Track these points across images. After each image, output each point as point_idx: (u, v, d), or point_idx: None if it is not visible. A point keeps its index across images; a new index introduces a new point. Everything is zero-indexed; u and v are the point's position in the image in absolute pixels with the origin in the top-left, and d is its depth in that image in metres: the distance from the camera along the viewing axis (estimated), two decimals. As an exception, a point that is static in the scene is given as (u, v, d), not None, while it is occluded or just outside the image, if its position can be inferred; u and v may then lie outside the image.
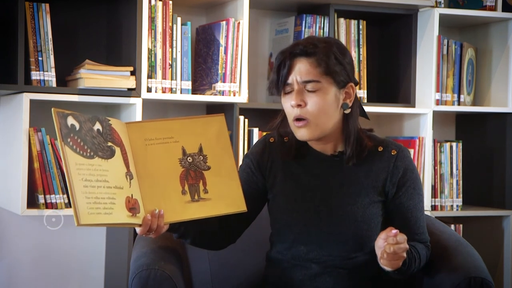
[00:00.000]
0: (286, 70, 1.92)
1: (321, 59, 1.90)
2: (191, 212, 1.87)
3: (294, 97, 1.92)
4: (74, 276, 3.16)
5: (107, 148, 1.78)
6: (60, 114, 1.73)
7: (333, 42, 1.96)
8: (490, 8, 3.39)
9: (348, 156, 1.97)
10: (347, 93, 1.96)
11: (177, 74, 2.94)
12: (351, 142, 1.96)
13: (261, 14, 3.36)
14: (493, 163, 3.50)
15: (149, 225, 1.81)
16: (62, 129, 1.71)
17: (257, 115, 3.12)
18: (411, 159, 2.03)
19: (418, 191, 2.01)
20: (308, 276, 1.98)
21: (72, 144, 1.72)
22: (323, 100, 1.91)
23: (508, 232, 3.44)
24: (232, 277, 2.29)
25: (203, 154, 1.92)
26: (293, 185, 2.02)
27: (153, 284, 1.92)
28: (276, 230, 2.05)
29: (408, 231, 1.98)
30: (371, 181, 1.99)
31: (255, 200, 2.06)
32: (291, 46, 1.95)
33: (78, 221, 1.65)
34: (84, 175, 1.71)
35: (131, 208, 1.78)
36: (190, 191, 1.88)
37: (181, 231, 1.95)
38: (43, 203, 2.77)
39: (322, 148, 2.01)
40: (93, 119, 1.79)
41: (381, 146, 2.00)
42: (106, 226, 1.75)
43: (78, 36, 3.09)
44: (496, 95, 3.51)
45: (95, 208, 1.69)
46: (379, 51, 3.53)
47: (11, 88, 2.75)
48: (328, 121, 1.94)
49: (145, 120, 2.01)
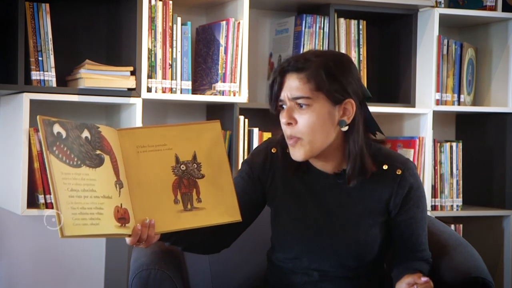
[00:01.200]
0: (277, 87, 1.87)
1: (311, 75, 1.83)
2: (184, 221, 1.82)
3: (285, 114, 1.86)
4: (74, 276, 3.16)
5: (95, 156, 1.73)
6: (46, 122, 1.66)
7: (330, 56, 1.88)
8: (490, 8, 3.39)
9: (348, 176, 1.90)
10: (345, 109, 1.87)
11: (177, 74, 2.94)
12: (352, 161, 1.88)
13: (261, 14, 3.36)
14: (493, 163, 3.50)
15: (139, 235, 1.75)
16: (48, 137, 1.65)
17: (257, 115, 3.11)
18: (417, 176, 1.96)
19: (422, 209, 1.96)
20: (309, 282, 1.98)
21: (58, 152, 1.66)
22: (314, 117, 1.84)
23: (508, 232, 3.44)
24: (232, 277, 2.28)
25: (197, 162, 1.86)
26: (294, 201, 1.98)
27: (153, 284, 1.92)
28: (278, 241, 2.02)
29: (410, 249, 1.98)
30: (374, 202, 1.94)
31: (251, 207, 2.02)
32: (285, 61, 1.89)
33: (62, 232, 1.60)
34: (70, 184, 1.65)
35: (120, 218, 1.72)
36: (183, 200, 1.83)
37: (173, 239, 1.91)
38: (43, 203, 2.77)
39: (323, 166, 1.95)
40: (81, 126, 1.73)
41: (386, 164, 1.94)
42: (93, 237, 1.71)
43: (78, 36, 3.09)
44: (496, 95, 3.51)
45: (81, 219, 1.64)
46: (379, 51, 3.53)
47: (11, 88, 2.75)
48: (322, 138, 1.86)
49: (138, 127, 1.97)
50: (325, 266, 1.96)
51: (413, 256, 1.98)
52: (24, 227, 3.09)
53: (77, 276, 3.16)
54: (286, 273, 2.01)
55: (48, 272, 3.12)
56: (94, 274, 3.18)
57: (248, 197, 2.00)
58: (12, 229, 3.08)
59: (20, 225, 3.08)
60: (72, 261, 3.15)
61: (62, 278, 3.15)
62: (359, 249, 1.93)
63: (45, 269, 3.12)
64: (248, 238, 2.15)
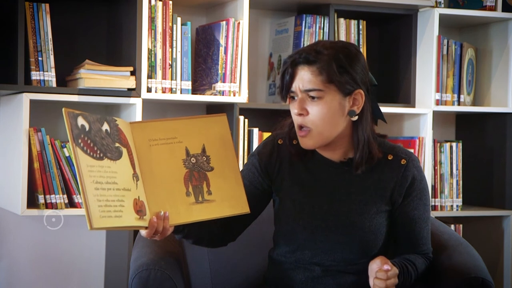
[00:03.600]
0: (289, 78, 1.90)
1: (323, 68, 1.87)
2: (196, 214, 1.85)
3: (296, 105, 1.90)
4: (74, 276, 3.16)
5: (115, 149, 1.75)
6: (71, 114, 1.68)
7: (340, 48, 1.91)
8: (490, 8, 3.39)
9: (356, 163, 1.94)
10: (355, 100, 1.92)
11: (177, 74, 2.94)
12: (360, 149, 1.93)
13: (261, 14, 3.36)
14: (493, 163, 3.50)
15: (155, 228, 1.79)
16: (73, 130, 1.67)
17: (257, 115, 3.12)
18: (421, 168, 2.00)
19: (425, 202, 1.99)
20: (311, 278, 1.98)
21: (83, 145, 1.68)
22: (326, 109, 1.88)
23: (508, 232, 3.44)
24: (232, 277, 2.29)
25: (206, 155, 1.90)
26: (300, 190, 2.00)
27: (153, 284, 1.92)
28: (281, 233, 2.03)
29: (410, 242, 1.99)
30: (379, 190, 1.97)
31: (258, 200, 2.05)
32: (295, 52, 1.92)
33: (91, 225, 1.62)
34: (95, 177, 1.67)
35: (138, 211, 1.75)
36: (194, 193, 1.86)
37: (185, 232, 1.94)
38: (43, 203, 2.77)
39: (330, 155, 1.99)
40: (101, 119, 1.75)
41: (391, 155, 1.97)
42: (116, 229, 1.73)
43: (78, 36, 3.09)
44: (496, 95, 3.51)
45: (106, 211, 1.66)
46: (379, 51, 3.53)
47: (11, 88, 2.75)
48: (332, 129, 1.91)
49: (148, 120, 1.98)
50: (328, 260, 1.96)
51: (413, 250, 1.99)
52: (24, 227, 3.09)
53: (77, 276, 3.16)
54: (287, 269, 2.01)
55: (48, 272, 3.12)
56: (94, 274, 3.18)
57: (255, 189, 2.03)
58: (12, 229, 3.08)
59: (20, 225, 3.08)
60: (72, 261, 3.15)
61: (62, 278, 3.15)
62: (363, 237, 1.95)
63: (45, 269, 3.12)
64: (248, 238, 2.15)
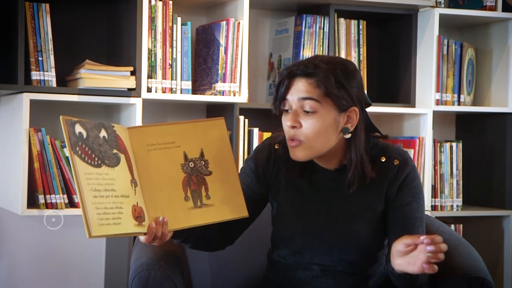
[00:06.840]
0: (284, 89, 1.89)
1: (321, 81, 1.85)
2: (194, 218, 1.84)
3: (290, 118, 1.88)
4: (74, 276, 3.16)
5: (113, 155, 1.75)
6: (68, 122, 1.68)
7: (337, 63, 1.89)
8: (490, 8, 3.39)
9: (348, 182, 1.93)
10: (349, 117, 1.90)
11: (177, 74, 2.94)
12: (352, 169, 1.92)
13: (261, 14, 3.36)
14: (493, 163, 3.50)
15: (154, 233, 1.78)
16: (71, 138, 1.67)
17: (257, 115, 3.12)
18: (414, 167, 1.98)
19: (418, 200, 1.96)
20: (310, 277, 1.99)
21: (81, 153, 1.68)
22: (320, 123, 1.86)
23: (508, 232, 3.44)
24: (232, 277, 2.29)
25: (204, 159, 1.89)
26: (296, 195, 2.00)
27: (153, 284, 1.92)
28: (280, 237, 2.03)
29: None
30: (374, 194, 1.96)
31: (255, 204, 2.04)
32: (293, 64, 1.91)
33: (90, 233, 1.62)
34: (93, 184, 1.67)
35: (137, 217, 1.75)
36: (193, 197, 1.86)
37: (183, 237, 1.94)
38: (43, 203, 2.77)
39: (324, 164, 1.98)
40: (99, 126, 1.75)
41: (384, 156, 1.96)
42: (115, 236, 1.72)
43: (78, 36, 3.09)
44: (496, 95, 3.51)
45: (105, 219, 1.66)
46: (379, 51, 3.53)
47: (11, 88, 2.75)
48: (324, 144, 1.89)
49: (146, 125, 1.98)
50: (327, 260, 1.97)
51: None
52: (24, 227, 3.09)
53: (77, 276, 3.16)
54: (287, 269, 2.01)
55: (48, 272, 3.12)
56: (94, 274, 3.18)
57: (252, 193, 2.03)
58: (12, 229, 3.08)
59: (20, 225, 3.08)
60: (72, 261, 3.15)
61: (62, 278, 3.15)
62: (360, 242, 1.95)
63: (45, 269, 3.12)
64: (248, 238, 2.15)
